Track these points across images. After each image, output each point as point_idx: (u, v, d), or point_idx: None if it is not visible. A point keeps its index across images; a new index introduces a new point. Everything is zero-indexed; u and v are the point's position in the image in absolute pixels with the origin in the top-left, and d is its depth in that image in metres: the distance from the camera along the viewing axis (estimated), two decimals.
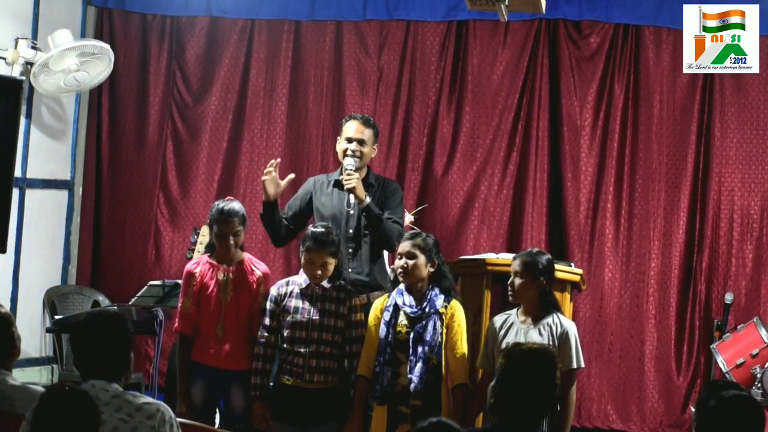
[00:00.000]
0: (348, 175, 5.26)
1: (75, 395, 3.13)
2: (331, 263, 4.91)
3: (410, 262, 4.84)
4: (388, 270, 5.45)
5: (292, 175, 5.48)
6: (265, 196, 5.36)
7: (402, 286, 4.90)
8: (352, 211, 5.30)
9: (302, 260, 4.94)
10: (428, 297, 4.85)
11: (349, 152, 5.37)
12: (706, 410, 3.27)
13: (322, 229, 4.94)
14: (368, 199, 5.26)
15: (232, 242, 5.01)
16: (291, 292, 4.96)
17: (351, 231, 5.35)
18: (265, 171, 5.35)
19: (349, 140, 5.40)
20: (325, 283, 4.93)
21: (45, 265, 7.52)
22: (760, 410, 3.29)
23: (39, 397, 3.18)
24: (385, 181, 5.59)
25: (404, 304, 4.86)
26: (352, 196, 5.27)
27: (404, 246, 4.87)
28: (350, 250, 5.32)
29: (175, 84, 7.79)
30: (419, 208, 7.12)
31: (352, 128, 5.43)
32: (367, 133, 5.42)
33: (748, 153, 7.10)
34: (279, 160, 5.47)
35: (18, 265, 7.25)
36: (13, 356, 3.96)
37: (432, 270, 4.88)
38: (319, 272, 4.89)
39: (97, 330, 3.56)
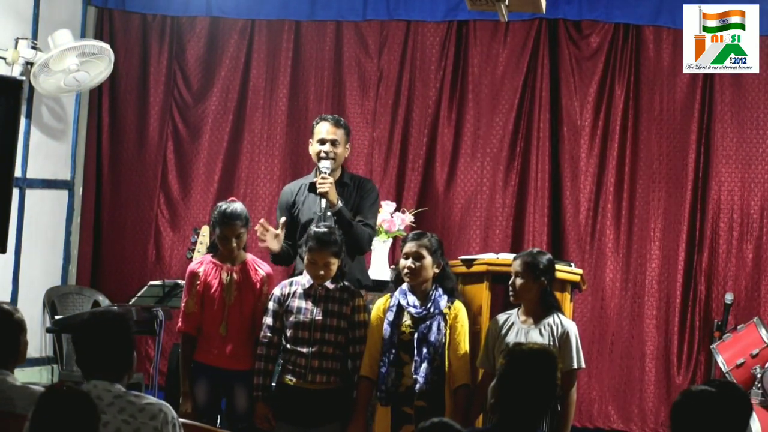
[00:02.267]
0: (322, 179, 5.26)
1: (74, 395, 3.13)
2: (334, 263, 4.91)
3: (417, 263, 4.83)
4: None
5: (282, 219, 5.39)
6: (272, 251, 5.33)
7: (405, 286, 4.90)
8: (328, 213, 5.29)
9: (305, 261, 4.95)
10: (432, 298, 4.85)
11: (322, 154, 5.38)
12: (673, 405, 3.26)
13: (325, 230, 4.93)
14: (340, 203, 5.27)
15: (235, 245, 5.02)
16: (294, 292, 4.96)
17: None
18: (258, 238, 5.26)
19: (322, 141, 5.41)
20: (328, 284, 4.93)
21: (45, 265, 7.52)
22: (729, 406, 3.22)
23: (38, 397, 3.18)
24: (361, 180, 5.61)
25: (408, 304, 4.86)
26: (323, 200, 5.25)
27: (411, 246, 4.85)
28: None
29: (175, 84, 7.79)
30: (417, 210, 7.11)
31: (323, 129, 5.43)
32: (339, 134, 5.43)
33: (748, 153, 7.10)
34: (263, 221, 5.35)
35: (18, 265, 7.24)
36: (17, 362, 3.96)
37: (437, 271, 4.88)
38: (322, 272, 4.89)
39: (100, 330, 3.57)
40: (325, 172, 5.30)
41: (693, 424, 3.19)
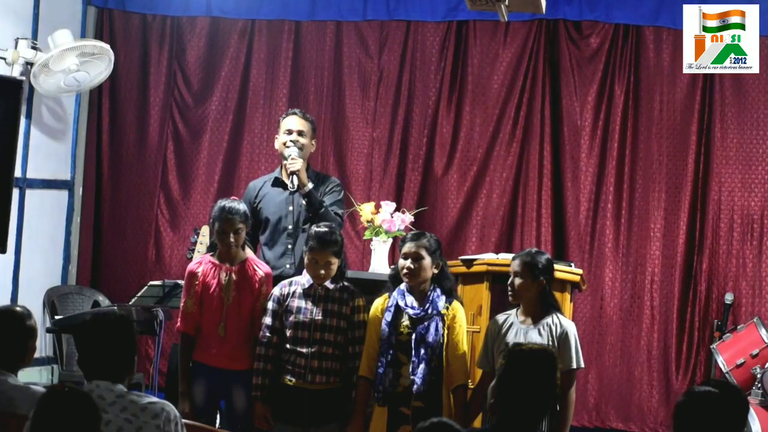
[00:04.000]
0: (292, 159, 5.40)
1: (74, 396, 3.13)
2: (335, 263, 4.91)
3: (416, 264, 4.82)
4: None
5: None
6: None
7: (403, 286, 4.88)
8: (291, 207, 5.41)
9: (305, 260, 4.94)
10: (430, 298, 4.84)
11: (289, 143, 5.51)
12: (677, 406, 3.26)
13: (326, 229, 4.93)
14: (311, 185, 5.40)
15: (233, 240, 5.00)
16: (294, 292, 4.96)
17: (290, 227, 5.42)
18: None
19: (289, 132, 5.56)
20: (328, 284, 4.92)
21: (45, 265, 7.52)
22: (730, 406, 3.23)
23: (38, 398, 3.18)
24: (325, 177, 5.73)
25: (406, 305, 4.85)
26: (295, 178, 5.37)
27: (410, 247, 4.84)
28: (289, 246, 5.46)
29: (175, 84, 7.79)
30: (417, 210, 7.11)
31: (291, 121, 5.60)
32: (306, 126, 5.61)
33: (748, 153, 7.10)
34: None
35: (18, 265, 7.25)
36: (23, 364, 3.97)
37: (436, 271, 4.87)
38: (323, 272, 4.89)
39: (103, 331, 3.57)
40: (294, 155, 5.43)
41: (696, 425, 3.19)
